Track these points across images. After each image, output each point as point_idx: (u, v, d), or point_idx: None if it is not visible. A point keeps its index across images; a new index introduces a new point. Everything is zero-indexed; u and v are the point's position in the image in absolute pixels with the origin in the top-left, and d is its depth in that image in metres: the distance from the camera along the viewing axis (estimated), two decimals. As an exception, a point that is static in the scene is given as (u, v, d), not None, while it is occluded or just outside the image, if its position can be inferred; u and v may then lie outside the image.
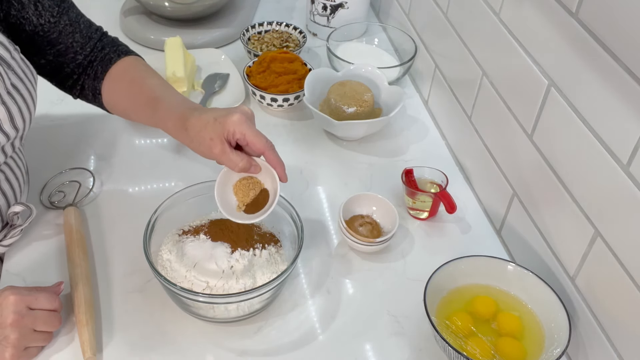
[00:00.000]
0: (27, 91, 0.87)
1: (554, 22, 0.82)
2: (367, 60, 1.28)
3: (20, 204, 0.90)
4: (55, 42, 0.95)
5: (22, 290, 0.79)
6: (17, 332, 0.76)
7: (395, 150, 1.18)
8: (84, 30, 0.97)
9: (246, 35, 1.38)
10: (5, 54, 0.84)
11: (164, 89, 0.95)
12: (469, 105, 1.10)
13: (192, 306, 0.83)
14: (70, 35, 0.95)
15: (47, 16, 0.92)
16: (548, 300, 0.84)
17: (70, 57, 0.97)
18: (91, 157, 1.12)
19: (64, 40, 0.95)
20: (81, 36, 0.97)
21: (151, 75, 0.97)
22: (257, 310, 0.86)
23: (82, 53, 0.97)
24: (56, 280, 0.88)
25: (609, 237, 0.76)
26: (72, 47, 0.96)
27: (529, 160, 0.91)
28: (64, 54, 0.96)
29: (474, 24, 1.06)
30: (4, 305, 0.77)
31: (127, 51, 1.01)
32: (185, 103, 0.92)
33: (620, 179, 0.72)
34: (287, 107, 1.23)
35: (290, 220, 0.91)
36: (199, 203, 0.94)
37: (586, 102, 0.77)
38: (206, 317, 0.85)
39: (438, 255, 0.94)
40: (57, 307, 0.82)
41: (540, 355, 0.80)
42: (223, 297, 0.81)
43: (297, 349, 0.85)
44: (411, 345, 0.86)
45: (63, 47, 0.95)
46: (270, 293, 0.84)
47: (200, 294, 0.81)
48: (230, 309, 0.83)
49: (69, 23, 0.95)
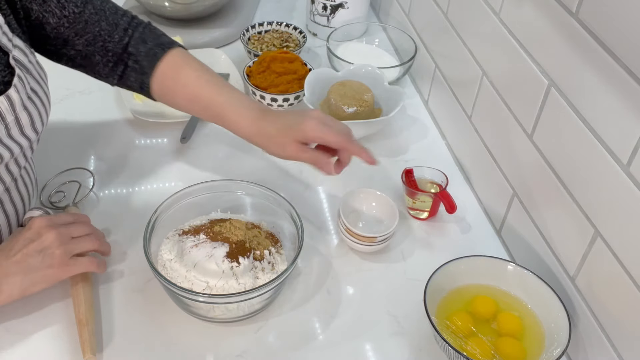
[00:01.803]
0: (44, 94, 0.87)
1: (554, 22, 0.82)
2: (367, 60, 1.28)
3: (39, 209, 0.91)
4: (82, 32, 0.94)
5: (53, 219, 0.86)
6: (58, 242, 0.82)
7: (395, 150, 1.18)
8: (110, 18, 0.96)
9: (246, 35, 1.38)
10: (24, 58, 0.84)
11: (223, 88, 0.96)
12: (469, 105, 1.10)
13: (192, 306, 0.83)
14: (96, 24, 0.94)
15: (71, 7, 0.92)
16: (548, 300, 0.84)
17: (100, 45, 0.95)
18: (91, 157, 1.12)
19: (91, 29, 0.94)
20: (107, 24, 0.95)
21: (204, 72, 0.97)
22: (257, 310, 0.86)
23: (111, 41, 0.96)
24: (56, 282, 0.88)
25: (609, 237, 0.76)
26: (100, 35, 0.95)
27: (529, 160, 0.91)
28: (92, 43, 0.95)
29: (474, 24, 1.06)
30: (37, 228, 0.83)
31: (170, 43, 0.99)
32: (252, 105, 0.94)
33: (620, 179, 0.72)
34: (287, 107, 1.23)
35: (290, 220, 0.91)
36: (199, 203, 0.94)
37: (586, 102, 0.77)
38: (206, 317, 0.85)
39: (438, 255, 0.94)
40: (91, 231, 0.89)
41: (540, 355, 0.80)
42: (223, 297, 0.81)
43: (297, 349, 0.85)
44: (411, 345, 0.86)
45: (91, 37, 0.94)
46: (270, 293, 0.84)
47: (200, 294, 0.81)
48: (230, 308, 0.83)
49: (94, 12, 0.94)
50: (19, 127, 0.82)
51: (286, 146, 0.89)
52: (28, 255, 0.80)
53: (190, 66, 0.97)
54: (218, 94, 0.95)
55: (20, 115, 0.81)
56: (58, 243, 0.82)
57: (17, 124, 0.81)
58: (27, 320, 0.85)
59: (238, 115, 0.93)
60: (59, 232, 0.83)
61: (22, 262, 0.80)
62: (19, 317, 0.85)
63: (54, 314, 0.86)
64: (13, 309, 0.85)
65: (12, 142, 0.81)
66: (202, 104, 0.96)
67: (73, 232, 0.86)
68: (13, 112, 0.80)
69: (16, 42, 0.83)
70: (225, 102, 0.94)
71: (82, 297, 0.85)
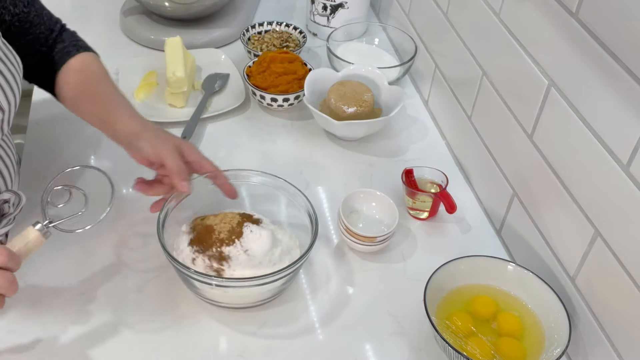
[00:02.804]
0: (10, 74, 0.86)
1: (554, 22, 0.82)
2: (367, 60, 1.28)
3: (9, 191, 0.91)
4: (27, 32, 0.96)
5: None
6: None
7: (395, 150, 1.18)
8: (47, 22, 0.99)
9: (246, 35, 1.38)
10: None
11: (121, 96, 0.98)
12: (469, 105, 1.10)
13: (201, 289, 0.85)
14: (37, 26, 0.97)
15: (21, 6, 0.93)
16: (548, 300, 0.84)
17: (36, 48, 0.97)
18: (91, 157, 1.12)
19: (33, 30, 0.96)
20: (45, 28, 0.98)
21: (106, 77, 1.00)
22: (267, 298, 0.88)
23: (45, 45, 0.98)
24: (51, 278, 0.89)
25: (609, 237, 0.76)
26: (38, 38, 0.97)
27: (529, 160, 0.91)
28: (32, 43, 0.97)
29: (474, 24, 1.06)
30: None
31: (85, 47, 1.02)
32: (141, 117, 0.96)
33: (620, 179, 0.72)
34: (287, 107, 1.23)
35: (304, 212, 0.93)
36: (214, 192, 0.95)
37: (586, 102, 0.77)
38: (213, 301, 0.87)
39: (438, 255, 0.94)
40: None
41: (540, 355, 0.80)
42: (236, 281, 0.83)
43: (297, 349, 0.85)
44: (411, 345, 0.86)
45: (32, 37, 0.96)
46: (286, 278, 0.85)
47: (214, 277, 0.83)
48: (242, 294, 0.85)
49: (36, 14, 0.97)
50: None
51: (165, 148, 0.90)
52: None
53: (99, 67, 1.00)
54: (116, 96, 0.97)
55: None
56: None
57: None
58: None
59: (129, 116, 0.95)
60: None
61: None
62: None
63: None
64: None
65: None
66: (97, 98, 0.97)
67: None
68: None
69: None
70: (121, 102, 0.97)
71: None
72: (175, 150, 0.90)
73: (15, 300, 0.87)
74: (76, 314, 0.87)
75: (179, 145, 0.92)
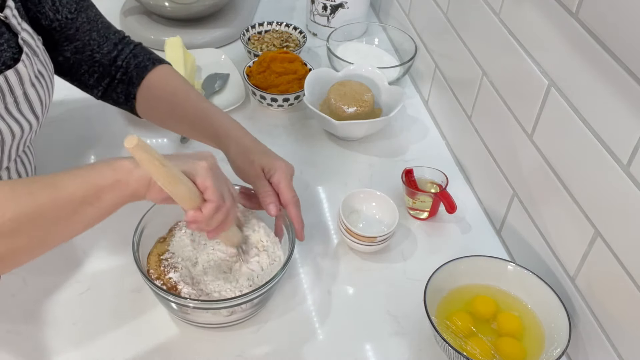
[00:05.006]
0: (49, 79, 0.89)
1: (554, 22, 0.82)
2: (367, 60, 1.28)
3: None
4: (73, 38, 0.95)
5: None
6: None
7: (395, 150, 1.18)
8: (102, 30, 0.98)
9: (246, 35, 1.38)
10: (32, 41, 0.86)
11: (209, 106, 0.97)
12: (469, 105, 1.10)
13: (189, 313, 0.82)
14: (87, 33, 0.96)
15: (65, 12, 0.93)
16: (548, 300, 0.84)
17: (88, 54, 0.97)
18: (91, 157, 1.12)
19: (81, 37, 0.96)
20: (98, 35, 0.98)
21: (190, 88, 0.99)
22: (248, 315, 0.86)
23: (99, 52, 0.98)
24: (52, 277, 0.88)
25: (609, 237, 0.76)
26: (89, 44, 0.97)
27: (529, 160, 0.91)
28: (81, 51, 0.97)
29: (474, 24, 1.06)
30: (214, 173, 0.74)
31: (160, 60, 1.02)
32: (240, 128, 0.95)
33: (620, 179, 0.72)
34: (287, 107, 1.23)
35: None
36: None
37: (586, 102, 0.77)
38: (198, 323, 0.85)
39: (438, 255, 0.94)
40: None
41: (540, 355, 0.81)
42: (214, 303, 0.80)
43: (297, 349, 0.85)
44: (411, 345, 0.86)
45: (80, 44, 0.96)
46: (263, 296, 0.83)
47: (190, 300, 0.80)
48: (223, 313, 0.82)
49: (87, 21, 0.96)
50: (29, 103, 0.83)
51: (254, 168, 0.90)
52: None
53: (179, 80, 0.99)
54: (205, 111, 0.96)
55: (28, 91, 0.83)
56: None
57: (27, 99, 0.83)
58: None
59: (227, 138, 0.93)
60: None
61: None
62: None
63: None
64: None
65: (22, 118, 0.83)
66: (189, 118, 0.96)
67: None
68: (21, 87, 0.82)
69: (24, 27, 0.85)
70: (218, 112, 0.96)
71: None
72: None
73: (15, 300, 0.88)
74: (76, 313, 0.87)
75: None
